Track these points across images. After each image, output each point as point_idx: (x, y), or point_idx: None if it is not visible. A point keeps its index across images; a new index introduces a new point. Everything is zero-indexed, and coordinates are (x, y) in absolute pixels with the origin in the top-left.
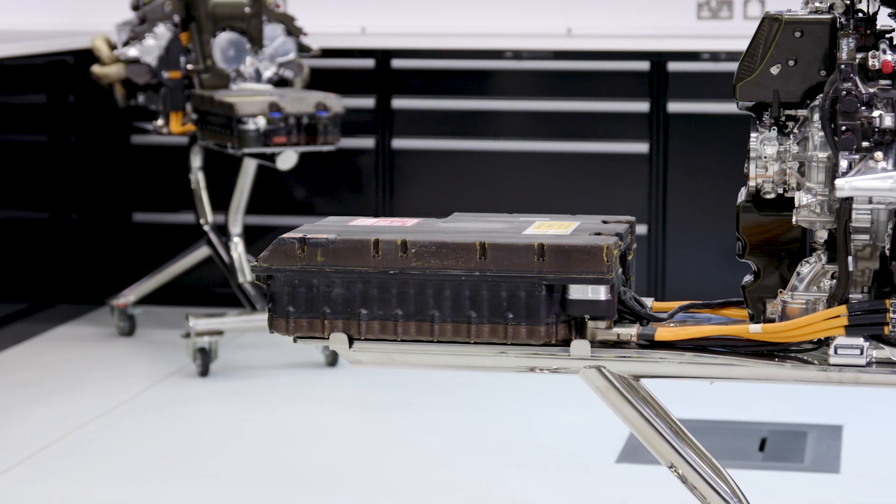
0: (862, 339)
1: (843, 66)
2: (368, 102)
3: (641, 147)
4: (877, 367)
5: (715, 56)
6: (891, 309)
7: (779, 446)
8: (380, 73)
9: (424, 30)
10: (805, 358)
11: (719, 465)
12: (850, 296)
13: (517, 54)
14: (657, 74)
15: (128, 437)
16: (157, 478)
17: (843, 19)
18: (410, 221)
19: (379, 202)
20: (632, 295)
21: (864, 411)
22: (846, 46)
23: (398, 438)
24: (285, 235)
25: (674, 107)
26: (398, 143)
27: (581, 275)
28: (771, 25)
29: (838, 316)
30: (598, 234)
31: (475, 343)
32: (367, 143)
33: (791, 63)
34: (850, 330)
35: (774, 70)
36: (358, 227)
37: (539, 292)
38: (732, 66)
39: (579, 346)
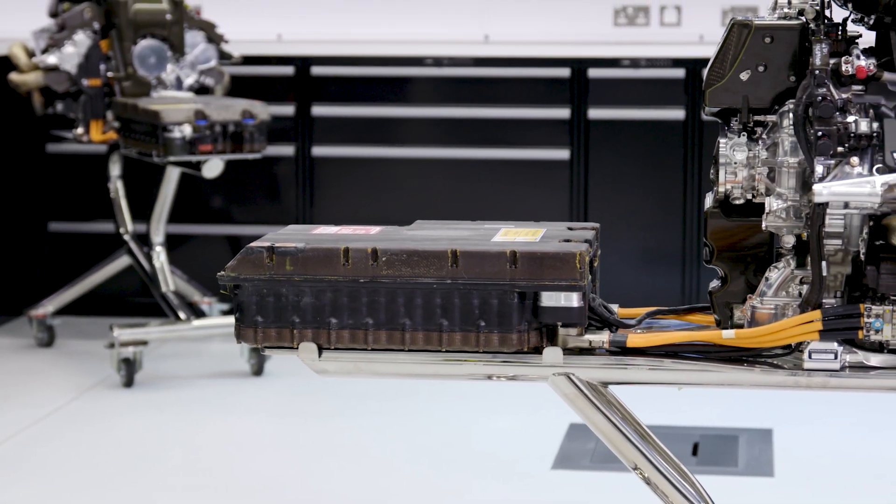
0: (836, 344)
1: (817, 72)
2: (288, 110)
3: (562, 153)
4: (850, 371)
5: (635, 62)
6: (865, 313)
7: (712, 451)
8: (300, 81)
9: (344, 37)
10: (778, 363)
11: (687, 469)
12: (823, 301)
13: (437, 61)
14: (577, 81)
15: (55, 451)
16: (87, 492)
17: (813, 25)
18: (374, 229)
19: (299, 210)
20: (600, 302)
21: (792, 414)
22: (820, 52)
23: (334, 448)
24: (253, 244)
25: (594, 113)
26: (318, 150)
27: (554, 282)
28: (741, 31)
29: (812, 321)
30: (568, 240)
31: (447, 351)
32: (287, 150)
33: (761, 69)
34: (825, 335)
35: (744, 76)
36: (323, 235)
37: (511, 300)
38: (652, 73)
39: (551, 354)
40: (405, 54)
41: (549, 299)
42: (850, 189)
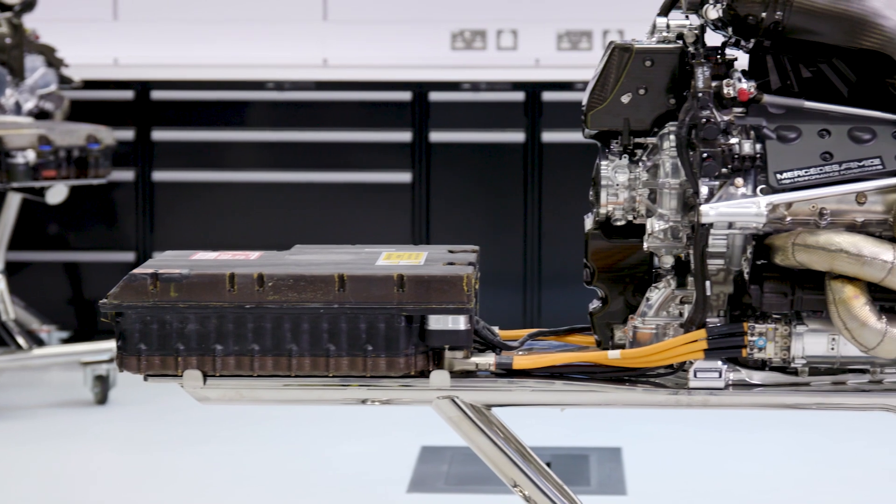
0: (720, 362)
1: (700, 94)
2: (128, 135)
3: (404, 176)
4: (732, 388)
5: (475, 86)
6: (748, 332)
7: (564, 470)
8: (139, 105)
9: (184, 61)
10: (661, 382)
11: (570, 490)
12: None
13: (279, 85)
14: (419, 104)
15: None
16: None
17: (692, 49)
18: (253, 254)
19: (139, 236)
20: (484, 324)
21: (639, 433)
22: (702, 75)
23: (180, 477)
24: (136, 271)
25: (436, 136)
26: (159, 175)
27: (441, 305)
28: (621, 55)
29: (697, 340)
30: (452, 263)
31: (334, 376)
32: (127, 175)
33: (641, 91)
34: (710, 353)
35: (625, 98)
36: (205, 261)
37: (398, 323)
38: (492, 96)
39: (438, 377)
40: (246, 78)
41: (436, 322)
42: (737, 210)
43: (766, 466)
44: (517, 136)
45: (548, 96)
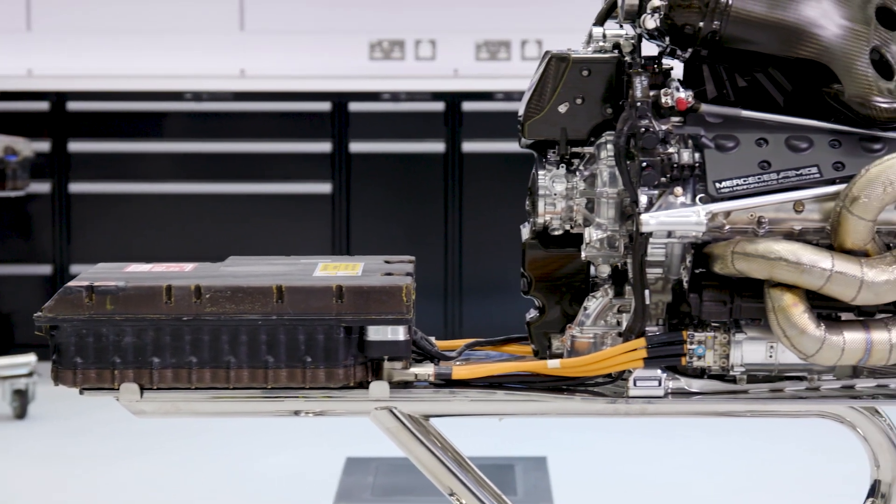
0: (659, 371)
1: (638, 104)
2: (44, 146)
3: (324, 187)
4: (671, 397)
5: (395, 96)
6: (688, 340)
7: (489, 480)
8: (55, 116)
9: (100, 71)
10: (600, 391)
11: (507, 499)
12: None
13: (197, 96)
14: (338, 115)
15: None
16: None
17: (629, 58)
18: (188, 266)
19: (56, 248)
20: (421, 335)
21: (563, 442)
22: (640, 84)
23: (103, 492)
24: (71, 283)
25: (356, 147)
26: (75, 187)
27: (381, 315)
28: (558, 65)
29: (636, 349)
30: (390, 273)
31: (272, 388)
32: (44, 187)
33: (578, 101)
34: (649, 362)
35: (562, 108)
36: (140, 273)
37: (338, 335)
38: (412, 106)
39: (378, 388)
40: (163, 89)
41: (375, 333)
42: (677, 219)
43: (694, 474)
44: (437, 147)
45: (468, 106)
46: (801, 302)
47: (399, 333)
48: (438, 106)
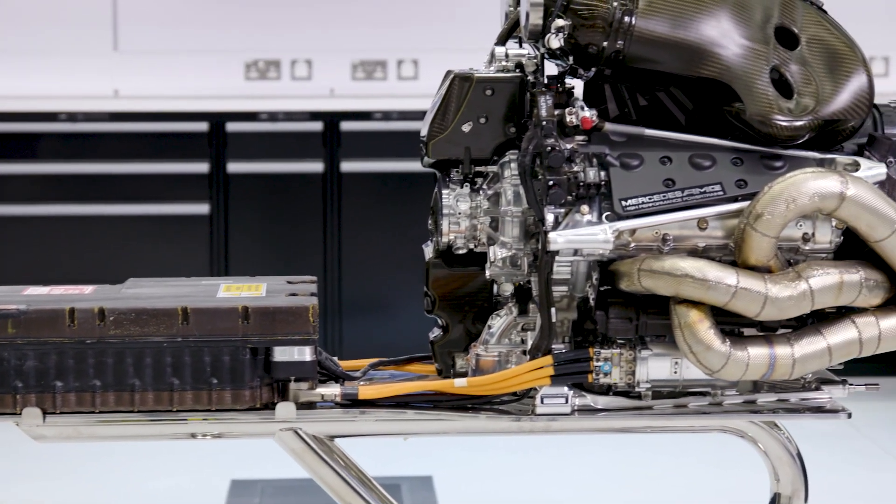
0: (566, 388)
1: (544, 123)
2: None
3: (202, 208)
4: (577, 414)
5: (273, 116)
6: (594, 357)
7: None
8: None
9: None
10: (507, 409)
11: None
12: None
13: (71, 116)
14: (216, 135)
15: None
16: None
17: (532, 77)
18: (87, 288)
19: None
20: (326, 355)
21: (448, 460)
22: (545, 104)
23: None
24: None
25: (233, 167)
26: None
27: (287, 336)
28: (462, 85)
29: (543, 366)
30: (294, 294)
31: (178, 411)
32: None
33: (482, 121)
34: (556, 379)
35: (466, 128)
36: (39, 296)
37: (243, 356)
38: (289, 126)
39: (284, 409)
40: (36, 109)
41: (281, 354)
42: (585, 237)
43: (587, 491)
44: (316, 167)
45: (346, 126)
46: (707, 318)
47: (306, 354)
48: (317, 126)
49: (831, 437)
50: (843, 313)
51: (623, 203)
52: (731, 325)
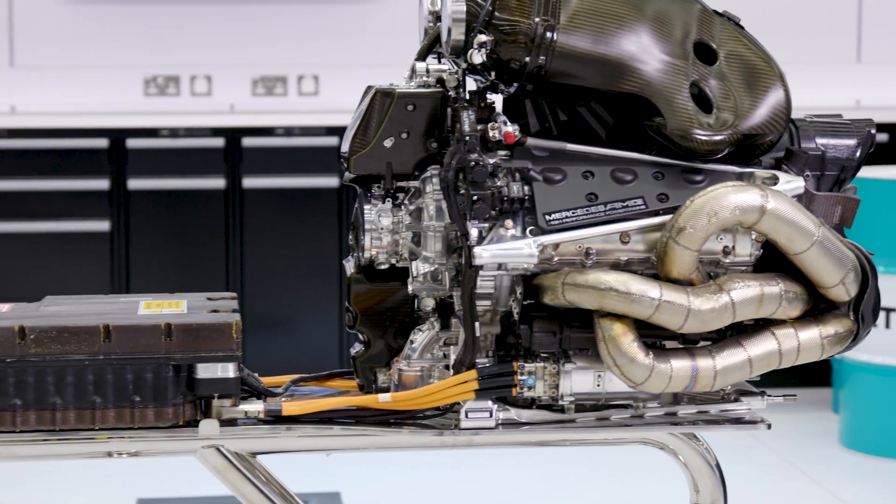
0: (490, 402)
1: (467, 138)
2: None
3: (102, 225)
4: (502, 428)
5: (174, 132)
6: (518, 371)
7: None
8: None
9: None
10: (430, 424)
11: None
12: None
13: None
14: (116, 151)
15: None
16: None
17: (454, 93)
18: (4, 306)
19: None
20: (248, 371)
21: (355, 476)
22: (468, 119)
23: None
24: None
25: (134, 184)
26: None
27: (210, 353)
28: (383, 100)
29: (468, 381)
30: (216, 310)
31: (100, 429)
32: None
33: (404, 136)
34: (480, 393)
35: (388, 143)
36: None
37: (166, 373)
38: (190, 142)
39: (208, 426)
40: None
41: (204, 371)
42: (509, 251)
43: None
44: (218, 183)
45: (248, 142)
46: (631, 331)
47: (229, 370)
48: (218, 142)
49: (749, 450)
50: (763, 325)
51: (547, 217)
52: (653, 338)
